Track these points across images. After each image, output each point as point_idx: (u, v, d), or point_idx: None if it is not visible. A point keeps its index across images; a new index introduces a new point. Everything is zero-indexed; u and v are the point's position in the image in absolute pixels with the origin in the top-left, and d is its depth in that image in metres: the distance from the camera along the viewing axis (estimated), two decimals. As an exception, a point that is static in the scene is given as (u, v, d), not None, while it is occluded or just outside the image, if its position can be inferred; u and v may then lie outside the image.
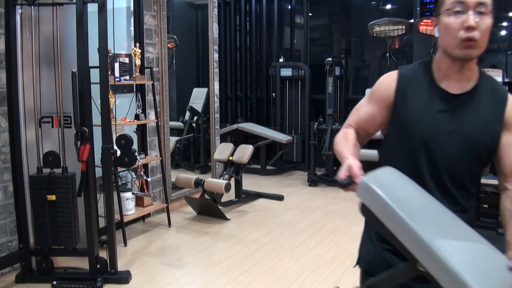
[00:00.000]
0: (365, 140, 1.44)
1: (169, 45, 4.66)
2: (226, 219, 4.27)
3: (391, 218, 1.09)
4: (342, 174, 1.17)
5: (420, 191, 1.21)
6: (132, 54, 3.77)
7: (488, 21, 1.19)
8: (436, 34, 1.28)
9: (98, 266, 2.91)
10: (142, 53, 3.91)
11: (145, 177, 3.68)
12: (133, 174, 3.88)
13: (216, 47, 5.09)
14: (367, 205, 1.14)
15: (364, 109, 1.40)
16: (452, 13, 1.20)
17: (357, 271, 1.47)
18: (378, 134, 1.45)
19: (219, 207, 4.36)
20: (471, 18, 1.17)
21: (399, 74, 1.34)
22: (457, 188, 1.28)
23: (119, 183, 3.67)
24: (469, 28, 1.17)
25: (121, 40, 4.26)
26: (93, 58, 2.84)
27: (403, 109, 1.30)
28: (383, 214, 1.11)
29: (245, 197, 4.87)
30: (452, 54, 1.23)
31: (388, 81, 1.35)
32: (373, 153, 1.20)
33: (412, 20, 5.28)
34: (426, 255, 1.03)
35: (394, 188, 1.17)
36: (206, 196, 4.33)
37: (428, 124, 1.26)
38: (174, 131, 5.66)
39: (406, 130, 1.29)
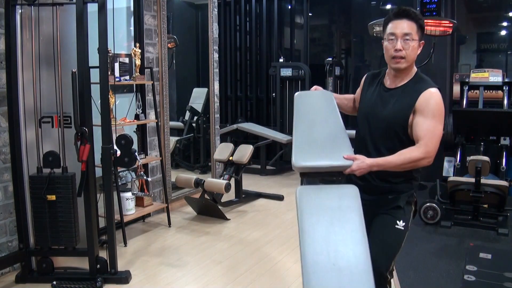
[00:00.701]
0: (355, 107, 2.19)
1: (169, 45, 4.66)
2: (226, 219, 4.28)
3: (295, 112, 2.00)
4: None
5: (327, 107, 2.01)
6: (132, 54, 3.77)
7: (412, 44, 1.83)
8: (384, 51, 1.91)
9: (98, 266, 2.91)
10: (142, 53, 3.91)
11: (145, 177, 3.68)
12: (133, 174, 3.88)
13: (216, 47, 5.09)
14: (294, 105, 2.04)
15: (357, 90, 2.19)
16: (388, 40, 1.87)
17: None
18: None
19: (219, 207, 4.36)
20: (399, 44, 1.83)
21: (367, 74, 2.11)
22: (387, 150, 1.87)
23: (119, 183, 3.67)
24: (397, 50, 1.83)
25: (121, 40, 4.26)
26: (93, 58, 2.84)
27: (363, 95, 2.05)
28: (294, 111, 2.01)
29: (245, 197, 4.87)
30: (390, 66, 1.92)
31: (364, 76, 2.12)
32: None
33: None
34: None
35: (310, 99, 2.07)
36: (206, 196, 4.33)
37: (369, 106, 1.97)
38: (174, 131, 5.67)
39: (360, 109, 2.05)
